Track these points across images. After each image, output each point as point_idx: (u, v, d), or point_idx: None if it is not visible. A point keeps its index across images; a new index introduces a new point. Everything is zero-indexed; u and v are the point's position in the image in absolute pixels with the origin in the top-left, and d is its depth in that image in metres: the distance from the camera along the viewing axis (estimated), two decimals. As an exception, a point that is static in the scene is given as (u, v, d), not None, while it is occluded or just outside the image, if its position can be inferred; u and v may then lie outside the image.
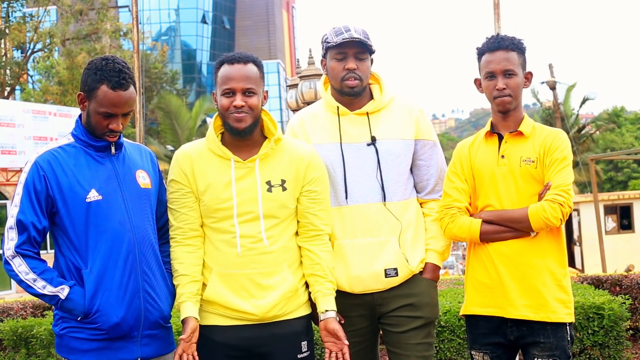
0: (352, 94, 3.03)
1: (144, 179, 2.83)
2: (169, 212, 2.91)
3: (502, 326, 2.91)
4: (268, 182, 2.82)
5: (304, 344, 2.86)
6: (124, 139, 2.87)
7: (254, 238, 2.79)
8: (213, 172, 2.83)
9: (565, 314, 2.86)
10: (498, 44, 2.92)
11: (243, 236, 2.78)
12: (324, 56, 3.08)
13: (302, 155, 2.89)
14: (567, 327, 2.88)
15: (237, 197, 2.79)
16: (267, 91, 2.91)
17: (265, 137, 2.90)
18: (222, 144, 2.86)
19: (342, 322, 3.03)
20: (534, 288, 2.84)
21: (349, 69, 2.98)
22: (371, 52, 3.04)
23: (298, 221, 2.90)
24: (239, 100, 2.76)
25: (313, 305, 2.93)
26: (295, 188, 2.86)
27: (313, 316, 2.96)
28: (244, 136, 2.82)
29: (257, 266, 2.79)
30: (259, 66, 2.85)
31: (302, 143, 2.98)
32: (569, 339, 2.88)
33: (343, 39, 2.95)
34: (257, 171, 2.82)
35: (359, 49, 2.98)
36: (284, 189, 2.83)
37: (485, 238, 2.90)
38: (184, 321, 2.78)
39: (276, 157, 2.87)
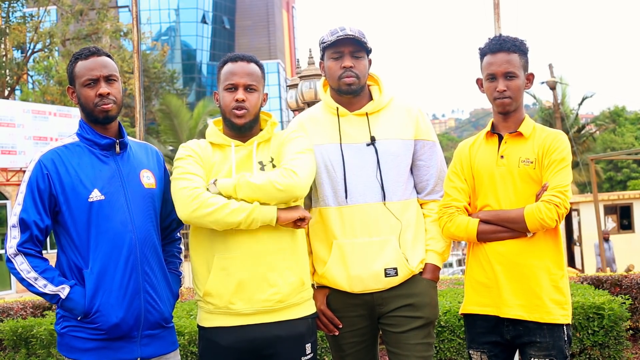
0: (350, 92, 3.04)
1: (148, 179, 2.84)
2: (180, 180, 2.76)
3: (499, 325, 2.92)
4: (260, 162, 2.87)
5: (308, 345, 2.86)
6: (130, 138, 2.88)
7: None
8: (215, 160, 2.86)
9: (560, 315, 2.86)
10: (500, 45, 2.92)
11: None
12: (322, 58, 3.10)
13: (282, 134, 2.97)
14: (564, 327, 2.88)
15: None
16: (266, 94, 2.98)
17: None
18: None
19: (340, 325, 3.03)
20: (530, 288, 2.85)
21: (346, 67, 3.00)
22: (368, 51, 3.05)
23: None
24: (240, 94, 2.83)
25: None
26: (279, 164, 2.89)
27: (317, 316, 2.98)
28: (243, 132, 2.89)
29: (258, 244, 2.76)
30: (261, 67, 2.94)
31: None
32: (566, 339, 2.88)
33: (338, 37, 2.98)
34: (254, 152, 2.86)
35: (355, 47, 3.01)
36: (274, 165, 2.87)
37: (483, 238, 2.91)
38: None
39: (270, 142, 2.93)
